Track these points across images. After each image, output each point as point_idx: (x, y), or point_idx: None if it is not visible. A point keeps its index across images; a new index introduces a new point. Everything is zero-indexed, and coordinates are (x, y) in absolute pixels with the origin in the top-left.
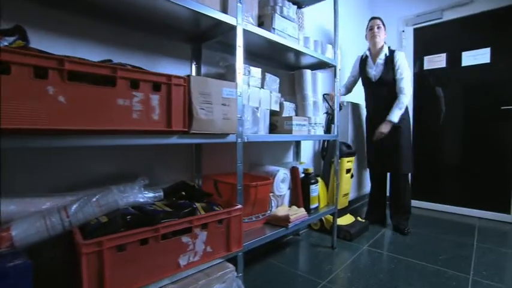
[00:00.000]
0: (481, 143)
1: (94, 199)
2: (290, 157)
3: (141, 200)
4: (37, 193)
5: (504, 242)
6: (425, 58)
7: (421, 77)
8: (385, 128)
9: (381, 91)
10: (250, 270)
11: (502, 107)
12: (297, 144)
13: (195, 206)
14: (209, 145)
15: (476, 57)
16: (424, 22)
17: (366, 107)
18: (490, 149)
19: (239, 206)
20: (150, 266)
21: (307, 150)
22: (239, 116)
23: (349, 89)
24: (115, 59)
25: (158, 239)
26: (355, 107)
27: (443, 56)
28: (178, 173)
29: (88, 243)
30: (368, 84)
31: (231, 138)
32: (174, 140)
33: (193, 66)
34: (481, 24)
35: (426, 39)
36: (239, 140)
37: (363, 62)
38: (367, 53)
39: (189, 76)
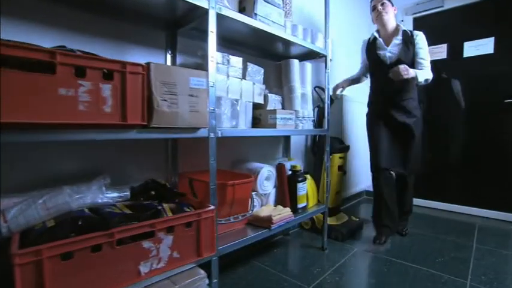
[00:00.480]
0: (482, 139)
1: (40, 201)
2: (279, 153)
3: (100, 200)
4: None
5: (505, 243)
6: None
7: None
8: (406, 70)
9: None
10: (232, 273)
11: (506, 100)
12: (286, 139)
13: (160, 208)
14: (186, 140)
15: (478, 47)
16: (424, 11)
17: (373, 95)
18: (492, 144)
19: (212, 207)
20: (105, 275)
21: (298, 146)
22: (212, 108)
23: (356, 80)
24: (78, 47)
25: (113, 244)
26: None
27: (444, 46)
28: (152, 171)
29: (22, 252)
30: (379, 68)
31: (202, 132)
32: (132, 135)
33: (168, 56)
34: (484, 13)
35: (426, 29)
36: (212, 135)
37: (370, 44)
38: (376, 34)
39: (148, 64)
